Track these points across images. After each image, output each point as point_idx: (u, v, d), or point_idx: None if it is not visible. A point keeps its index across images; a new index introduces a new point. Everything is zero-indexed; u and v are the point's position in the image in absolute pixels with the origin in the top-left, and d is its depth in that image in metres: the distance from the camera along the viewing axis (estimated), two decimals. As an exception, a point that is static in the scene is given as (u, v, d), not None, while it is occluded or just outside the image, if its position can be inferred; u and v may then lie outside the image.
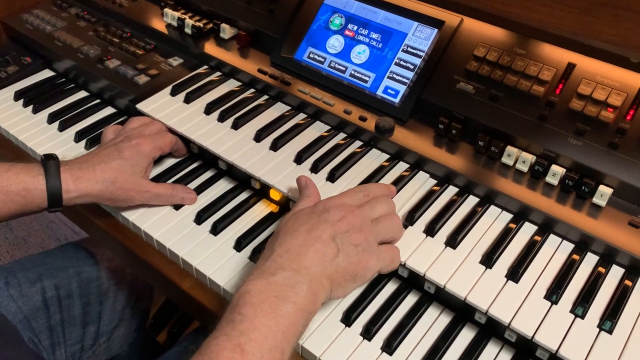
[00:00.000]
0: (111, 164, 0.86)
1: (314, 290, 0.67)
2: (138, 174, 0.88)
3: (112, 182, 0.85)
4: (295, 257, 0.68)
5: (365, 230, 0.72)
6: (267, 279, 0.66)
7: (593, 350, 0.67)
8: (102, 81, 1.14)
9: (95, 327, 1.06)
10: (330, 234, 0.70)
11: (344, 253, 0.70)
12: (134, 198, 0.89)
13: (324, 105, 1.00)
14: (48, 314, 1.00)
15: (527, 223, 0.83)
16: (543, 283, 0.75)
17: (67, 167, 0.85)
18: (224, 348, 0.59)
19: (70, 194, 0.84)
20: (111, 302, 1.09)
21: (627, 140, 0.81)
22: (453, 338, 0.76)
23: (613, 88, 0.83)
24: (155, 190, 0.90)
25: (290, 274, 0.66)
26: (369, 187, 0.82)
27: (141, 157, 0.89)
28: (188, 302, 0.87)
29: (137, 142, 0.89)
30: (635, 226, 0.78)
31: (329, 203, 0.75)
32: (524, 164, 0.86)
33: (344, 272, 0.70)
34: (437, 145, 0.92)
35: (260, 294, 0.64)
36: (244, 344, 0.59)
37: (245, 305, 0.63)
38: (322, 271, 0.68)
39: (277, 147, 0.95)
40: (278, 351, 0.61)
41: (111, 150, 0.88)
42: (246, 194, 0.97)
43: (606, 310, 0.72)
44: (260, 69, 1.07)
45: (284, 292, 0.65)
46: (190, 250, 0.87)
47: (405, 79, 0.97)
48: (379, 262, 0.73)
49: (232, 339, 0.60)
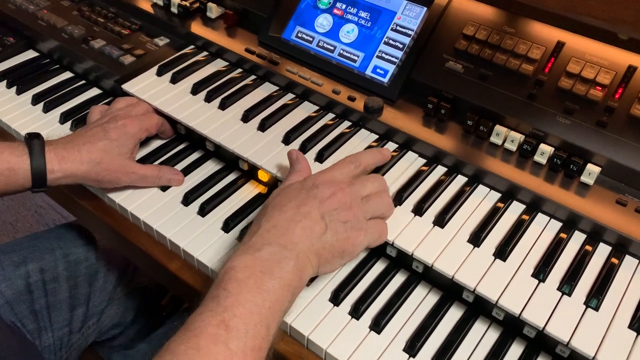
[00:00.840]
0: (97, 144, 0.85)
1: (300, 266, 0.66)
2: (124, 155, 0.87)
3: (97, 163, 0.84)
4: (283, 232, 0.68)
5: (355, 207, 0.72)
6: (253, 255, 0.65)
7: (579, 327, 0.68)
8: (87, 62, 1.12)
9: (83, 309, 1.05)
10: (319, 211, 0.69)
11: (332, 230, 0.69)
12: (120, 179, 0.87)
13: (313, 85, 0.99)
14: (32, 299, 0.99)
15: (515, 202, 0.83)
16: (531, 261, 0.75)
17: (52, 147, 0.83)
18: (208, 324, 0.59)
19: (55, 174, 0.82)
20: (101, 283, 1.08)
21: (615, 119, 0.81)
22: (441, 316, 0.77)
23: (602, 66, 0.83)
24: (142, 172, 0.89)
25: (276, 249, 0.66)
26: (360, 156, 0.80)
27: (127, 138, 0.88)
28: (176, 284, 0.86)
29: (123, 122, 0.88)
30: (623, 204, 0.78)
31: (319, 179, 0.74)
32: (512, 143, 0.86)
33: (331, 249, 0.69)
34: (426, 125, 0.92)
35: (245, 269, 0.63)
36: (229, 319, 0.59)
37: (230, 281, 0.62)
38: (309, 247, 0.68)
39: (265, 128, 0.94)
40: (263, 327, 0.61)
41: (97, 131, 0.87)
42: (234, 175, 0.96)
43: (593, 288, 0.72)
44: (247, 49, 1.06)
45: (270, 268, 0.64)
46: (177, 231, 0.87)
47: (394, 58, 0.96)
48: (367, 237, 0.72)
49: (216, 314, 0.60)
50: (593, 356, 0.65)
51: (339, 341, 0.73)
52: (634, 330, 0.68)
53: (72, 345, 1.04)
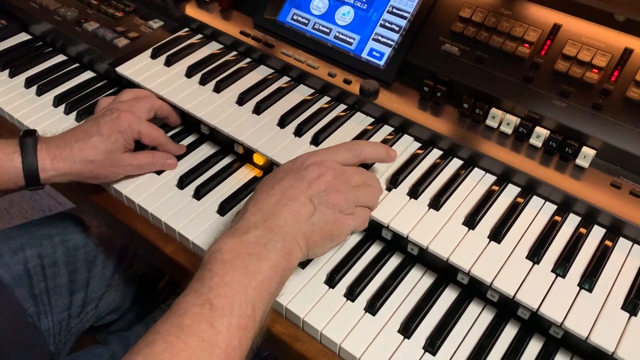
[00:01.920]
0: (89, 141, 0.83)
1: (288, 249, 0.65)
2: (118, 150, 0.85)
3: (90, 162, 0.83)
4: (269, 215, 0.67)
5: (344, 191, 0.71)
6: (240, 237, 0.65)
7: (573, 308, 0.68)
8: (80, 44, 1.11)
9: (82, 294, 1.05)
10: (307, 194, 0.69)
11: (321, 212, 0.68)
12: (117, 173, 0.87)
13: (308, 68, 0.98)
14: (31, 283, 0.99)
15: (511, 185, 0.83)
16: (525, 243, 0.75)
17: (44, 145, 0.82)
18: (193, 304, 0.58)
19: (47, 172, 0.81)
20: (100, 269, 1.08)
21: (611, 102, 0.81)
22: (436, 298, 0.77)
23: (598, 49, 0.82)
24: (137, 162, 0.88)
25: (263, 232, 0.65)
26: (361, 145, 0.77)
27: (120, 132, 0.84)
28: (172, 267, 0.86)
29: (117, 115, 0.85)
30: (617, 187, 0.79)
31: (309, 159, 0.72)
32: (508, 126, 0.86)
33: (320, 232, 0.69)
34: (421, 108, 0.92)
35: (231, 251, 0.63)
36: (213, 299, 0.59)
37: (216, 263, 0.62)
38: (297, 230, 0.67)
39: (260, 111, 0.94)
40: (249, 306, 0.60)
41: (89, 125, 0.85)
42: (229, 159, 0.96)
43: (587, 270, 0.72)
44: (242, 31, 1.05)
45: (257, 250, 0.63)
46: (173, 214, 0.86)
47: (390, 41, 0.95)
48: (354, 221, 0.72)
49: (201, 295, 0.59)
50: (586, 337, 0.66)
51: (334, 323, 0.73)
52: (627, 311, 0.68)
53: (70, 330, 1.04)
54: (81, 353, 0.97)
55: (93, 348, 0.98)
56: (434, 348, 0.71)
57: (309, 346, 0.74)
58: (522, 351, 0.72)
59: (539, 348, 0.73)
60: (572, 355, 0.72)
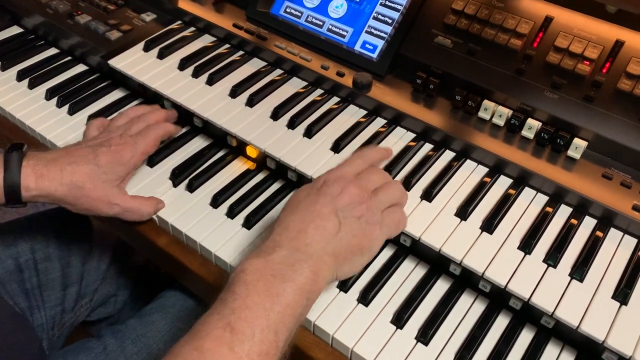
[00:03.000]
0: (83, 167, 0.78)
1: (315, 269, 0.62)
2: (111, 183, 0.80)
3: (78, 187, 0.78)
4: (295, 234, 0.64)
5: (367, 200, 0.69)
6: (265, 258, 0.62)
7: (564, 298, 0.69)
8: (72, 37, 1.10)
9: (76, 288, 1.05)
10: (331, 208, 0.66)
11: (347, 227, 0.66)
12: (100, 209, 0.81)
13: (301, 60, 0.98)
14: (22, 278, 0.99)
15: (503, 176, 0.83)
16: (517, 234, 0.76)
17: (31, 162, 0.77)
18: (214, 327, 0.57)
19: (30, 191, 0.76)
20: (95, 262, 1.08)
21: (602, 93, 0.81)
22: (428, 289, 0.77)
23: (590, 41, 0.83)
24: (126, 205, 0.82)
25: (288, 252, 0.63)
26: (366, 152, 0.78)
27: (119, 165, 0.81)
28: (164, 259, 0.86)
29: (116, 148, 0.81)
30: (608, 178, 0.79)
31: (328, 176, 0.71)
32: (500, 118, 0.86)
33: (348, 247, 0.66)
34: (414, 100, 0.92)
35: (255, 272, 0.60)
36: (234, 322, 0.57)
37: (239, 284, 0.60)
38: (323, 247, 0.64)
39: (253, 103, 0.93)
40: (271, 332, 0.57)
41: (87, 152, 0.80)
42: (223, 152, 0.96)
43: (578, 260, 0.73)
44: (235, 24, 1.05)
45: (282, 271, 0.61)
46: (166, 207, 0.86)
47: (383, 33, 0.95)
48: (383, 230, 0.69)
49: (223, 317, 0.57)
50: (577, 326, 0.66)
51: (327, 314, 0.73)
52: (618, 300, 0.69)
53: (64, 324, 1.04)
54: (73, 347, 0.96)
55: (86, 341, 0.97)
56: (426, 338, 0.71)
57: (302, 337, 0.74)
58: (514, 341, 0.72)
59: (530, 338, 0.73)
60: (563, 345, 0.72)
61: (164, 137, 0.89)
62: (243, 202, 0.86)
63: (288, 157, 0.85)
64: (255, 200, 0.88)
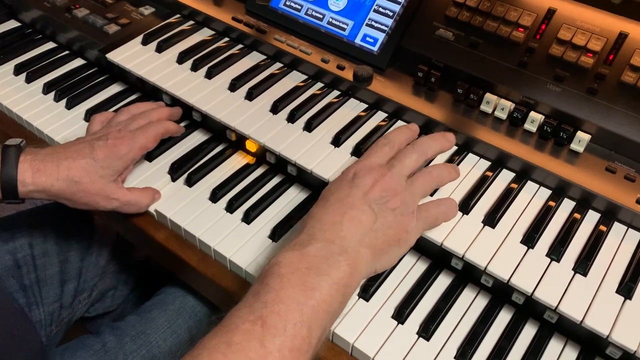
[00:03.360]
0: (79, 161, 0.77)
1: (351, 261, 0.61)
2: (108, 178, 0.79)
3: (75, 182, 0.77)
4: (329, 226, 0.63)
5: (401, 192, 0.68)
6: (299, 251, 0.61)
7: (568, 292, 0.68)
8: (70, 31, 1.09)
9: (74, 284, 1.04)
10: (364, 200, 0.65)
11: (382, 217, 0.65)
12: (98, 204, 0.80)
13: (301, 54, 0.97)
14: (20, 274, 0.98)
15: (505, 170, 0.82)
16: (520, 228, 0.75)
17: (28, 158, 0.77)
18: (245, 320, 0.55)
19: (27, 187, 0.76)
20: (94, 258, 1.07)
21: (605, 86, 0.80)
22: (429, 284, 0.76)
23: (593, 33, 0.82)
24: (125, 198, 0.81)
25: (323, 244, 0.61)
26: (391, 135, 0.76)
27: (116, 159, 0.79)
28: (163, 254, 0.85)
29: (113, 142, 0.80)
30: (612, 172, 0.78)
31: (357, 167, 0.70)
32: (502, 112, 0.85)
33: (385, 238, 0.65)
34: (415, 94, 0.91)
35: (289, 265, 0.59)
36: (266, 316, 0.55)
37: (273, 276, 0.58)
38: (359, 240, 0.63)
39: (252, 97, 0.93)
40: (304, 327, 0.56)
41: (84, 147, 0.79)
42: (221, 146, 0.95)
43: (581, 254, 0.72)
44: (234, 17, 1.04)
45: (317, 264, 0.59)
46: (164, 201, 0.86)
47: (384, 26, 0.94)
48: (421, 222, 0.69)
49: (254, 310, 0.56)
50: (581, 320, 0.65)
51: (327, 309, 0.73)
52: (622, 295, 0.68)
53: (62, 320, 1.03)
54: (72, 344, 0.95)
55: (84, 338, 0.97)
56: (427, 333, 0.71)
57: (302, 332, 0.73)
58: (517, 336, 0.72)
59: (533, 333, 0.72)
60: (566, 340, 0.71)
61: (165, 135, 0.87)
62: (242, 197, 0.85)
63: (288, 151, 0.84)
64: (254, 195, 0.87)
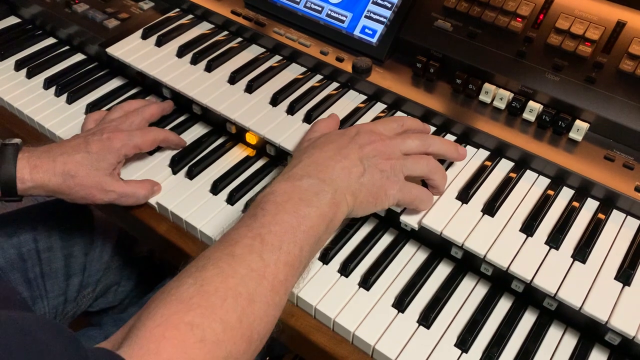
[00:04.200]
0: (74, 156, 0.79)
1: (337, 201, 0.68)
2: (103, 171, 0.81)
3: (71, 176, 0.79)
4: (323, 168, 0.69)
5: (393, 159, 0.73)
6: (293, 183, 0.67)
7: (567, 279, 0.68)
8: (70, 26, 1.10)
9: (79, 278, 1.04)
10: (358, 155, 0.71)
11: (369, 174, 0.71)
12: (95, 196, 0.81)
13: (300, 46, 0.97)
14: (25, 267, 0.99)
15: (504, 159, 0.83)
16: (519, 217, 0.75)
17: (25, 155, 0.78)
18: (244, 236, 0.61)
19: (26, 183, 0.77)
20: (98, 253, 1.07)
21: (604, 74, 0.80)
22: (429, 273, 0.77)
23: (591, 22, 0.82)
24: (121, 190, 0.82)
25: (315, 181, 0.68)
26: (403, 119, 0.82)
27: (109, 152, 0.81)
28: (165, 246, 0.86)
29: (108, 136, 0.82)
30: (611, 160, 0.78)
31: (361, 127, 0.76)
32: (501, 101, 0.85)
33: (367, 192, 0.71)
34: (414, 85, 0.91)
35: (284, 194, 0.66)
36: (265, 234, 0.61)
37: (269, 203, 0.65)
38: (347, 186, 0.69)
39: (252, 90, 0.93)
40: (297, 247, 0.63)
41: (79, 142, 0.81)
42: (222, 139, 0.95)
43: (580, 241, 0.72)
44: (233, 11, 1.04)
45: (308, 197, 0.66)
46: (165, 194, 0.86)
47: (382, 17, 0.95)
48: (400, 193, 0.72)
49: (253, 229, 0.62)
50: (580, 307, 0.66)
51: (328, 298, 0.73)
52: (621, 281, 0.68)
53: (66, 314, 1.04)
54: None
55: (87, 330, 0.97)
56: (427, 322, 0.71)
57: (303, 321, 0.74)
58: (517, 324, 0.72)
59: (532, 320, 0.73)
60: (566, 327, 0.72)
61: (163, 143, 0.89)
62: (243, 189, 0.86)
63: (288, 143, 0.84)
64: (255, 187, 0.87)
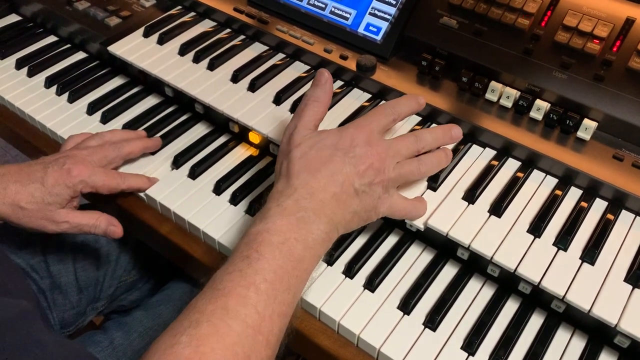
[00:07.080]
0: (28, 187, 0.77)
1: (330, 236, 0.66)
2: (55, 205, 0.78)
3: (20, 208, 0.76)
4: (317, 203, 0.65)
5: (386, 176, 0.69)
6: (288, 219, 0.63)
7: (575, 281, 0.67)
8: (71, 24, 1.09)
9: (91, 293, 1.01)
10: (354, 184, 0.67)
11: (364, 202, 0.68)
12: (46, 227, 0.79)
13: (304, 44, 0.96)
14: (34, 280, 0.97)
15: (511, 159, 0.82)
16: (526, 217, 0.74)
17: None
18: (237, 285, 0.58)
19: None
20: (112, 267, 1.04)
21: (612, 72, 0.79)
22: (435, 275, 0.76)
23: (599, 19, 0.80)
24: (76, 221, 0.80)
25: (312, 217, 0.64)
26: (396, 106, 0.75)
27: (65, 187, 0.78)
28: (167, 247, 0.85)
29: (68, 168, 0.78)
30: (619, 159, 0.77)
31: (357, 138, 0.69)
32: (508, 100, 0.84)
33: (358, 219, 0.69)
34: (420, 83, 0.90)
35: (280, 234, 0.62)
36: (259, 283, 0.58)
37: (264, 244, 0.61)
38: (340, 219, 0.67)
39: (255, 88, 0.92)
40: (290, 294, 0.61)
41: (37, 169, 0.79)
42: (224, 138, 0.94)
43: (589, 243, 0.71)
44: (236, 8, 1.03)
45: (304, 236, 0.63)
46: (168, 194, 0.85)
47: (387, 15, 0.93)
48: (389, 210, 0.71)
49: (247, 276, 0.58)
50: (588, 309, 0.65)
51: (333, 300, 0.72)
52: (630, 283, 0.67)
53: (78, 325, 1.02)
54: (79, 340, 0.95)
55: (91, 334, 0.96)
56: (434, 324, 0.70)
57: (308, 324, 0.73)
58: (524, 326, 0.71)
59: (540, 323, 0.72)
60: (574, 330, 0.71)
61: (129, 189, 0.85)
62: (246, 189, 0.85)
63: (291, 142, 0.83)
64: (258, 187, 0.86)
